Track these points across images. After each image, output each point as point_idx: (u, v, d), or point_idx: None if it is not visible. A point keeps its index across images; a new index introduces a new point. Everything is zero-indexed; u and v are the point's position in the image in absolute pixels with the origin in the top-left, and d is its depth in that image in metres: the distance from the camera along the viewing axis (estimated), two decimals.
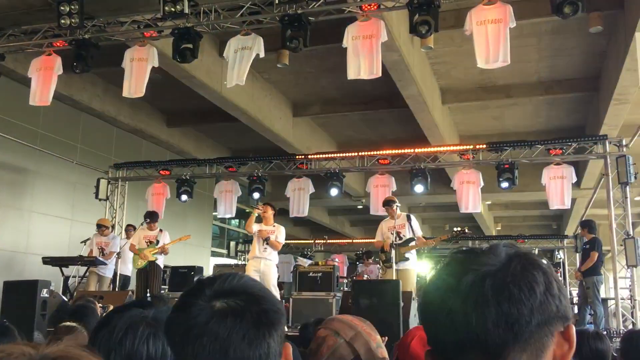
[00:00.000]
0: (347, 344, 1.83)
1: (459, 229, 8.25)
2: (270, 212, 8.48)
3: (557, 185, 9.92)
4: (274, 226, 8.46)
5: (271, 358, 0.99)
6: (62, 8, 7.53)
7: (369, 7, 6.98)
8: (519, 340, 0.82)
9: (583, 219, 13.93)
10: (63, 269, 9.25)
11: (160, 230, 9.37)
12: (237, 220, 20.69)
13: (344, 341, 1.83)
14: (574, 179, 10.11)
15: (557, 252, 16.36)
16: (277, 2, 6.94)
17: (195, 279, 1.11)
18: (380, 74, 6.96)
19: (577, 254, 13.85)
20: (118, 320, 1.34)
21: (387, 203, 8.35)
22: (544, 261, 0.90)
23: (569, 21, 7.16)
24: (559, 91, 11.62)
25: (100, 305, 4.86)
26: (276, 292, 8.53)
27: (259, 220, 8.50)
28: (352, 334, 1.85)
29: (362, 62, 6.90)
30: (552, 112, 13.03)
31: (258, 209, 8.46)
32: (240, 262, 16.02)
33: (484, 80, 11.39)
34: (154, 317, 1.33)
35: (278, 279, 9.15)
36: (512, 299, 0.82)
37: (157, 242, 9.18)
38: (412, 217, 8.32)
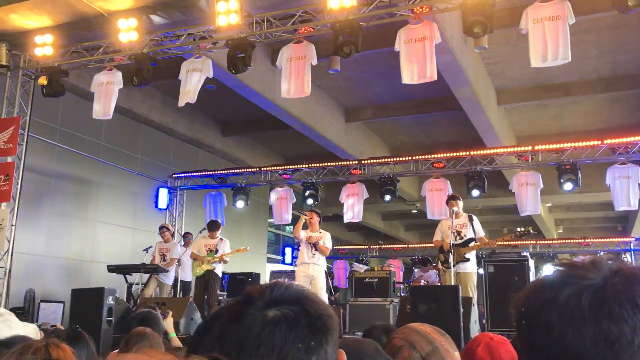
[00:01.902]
0: (422, 359, 1.74)
1: (522, 229, 7.97)
2: (316, 219, 8.45)
3: (623, 186, 9.53)
4: (320, 232, 8.46)
5: None
6: (121, 24, 7.82)
7: (420, 9, 6.91)
8: (619, 359, 0.76)
9: None
10: (127, 276, 9.56)
11: (221, 239, 9.52)
12: (292, 227, 20.84)
13: (419, 356, 1.73)
14: None
15: (623, 255, 15.69)
16: (328, 9, 6.97)
17: (245, 289, 1.07)
18: (435, 77, 6.87)
19: None
20: None
21: (453, 197, 8.08)
22: None
23: (630, 15, 6.89)
24: (622, 87, 11.17)
25: (160, 311, 4.97)
26: (325, 297, 8.51)
27: (305, 227, 8.52)
28: (429, 349, 1.75)
29: (416, 65, 6.83)
30: (614, 110, 12.55)
31: (305, 215, 8.48)
32: (295, 268, 16.13)
33: (540, 79, 11.09)
34: None
35: (334, 284, 9.15)
36: (612, 316, 0.76)
37: (217, 250, 9.33)
38: (475, 217, 8.09)
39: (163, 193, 11.92)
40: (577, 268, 0.83)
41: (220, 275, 9.58)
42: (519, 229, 8.08)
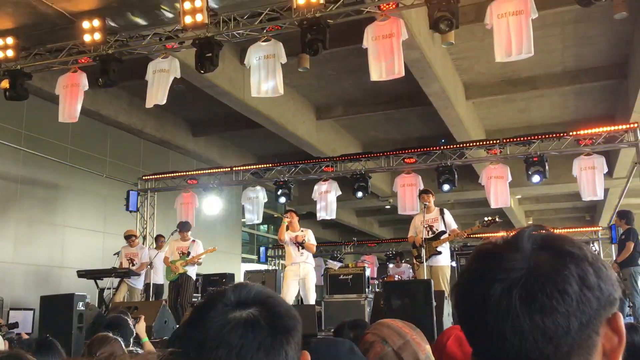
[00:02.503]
0: (394, 353, 1.76)
1: (489, 218, 8.11)
2: (295, 218, 8.65)
3: (589, 176, 9.73)
4: (302, 231, 8.60)
5: None
6: (85, 25, 7.68)
7: (387, 6, 6.93)
8: (560, 350, 0.75)
9: (618, 208, 13.64)
10: (97, 281, 9.41)
11: (193, 241, 9.43)
12: (266, 226, 20.77)
13: (391, 350, 1.76)
14: (606, 169, 9.90)
15: (592, 244, 16.02)
16: (295, 6, 6.95)
17: (207, 292, 1.07)
18: (403, 74, 6.91)
19: (613, 245, 13.55)
20: None
21: (424, 191, 8.31)
22: (575, 242, 0.81)
23: (592, 9, 7.02)
24: (586, 80, 11.40)
25: (132, 317, 4.89)
26: (314, 296, 8.68)
27: (287, 228, 8.62)
28: (401, 343, 1.78)
29: (384, 62, 6.87)
30: (579, 102, 12.80)
31: (286, 217, 8.58)
32: (271, 268, 16.08)
33: (507, 73, 11.25)
34: None
35: None
36: (544, 310, 0.75)
37: (189, 253, 9.25)
38: (446, 211, 8.22)
39: (133, 196, 11.76)
40: (500, 257, 0.80)
41: (194, 277, 9.49)
42: (485, 219, 8.22)
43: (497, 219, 8.14)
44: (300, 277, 8.43)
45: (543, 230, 0.84)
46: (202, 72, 7.65)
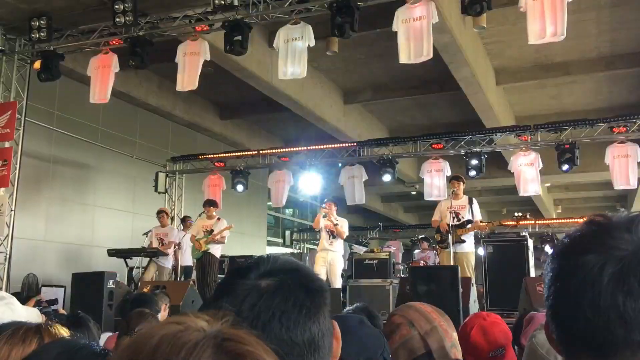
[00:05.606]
0: (420, 337, 1.74)
1: (520, 214, 8.01)
2: (334, 208, 8.98)
3: (622, 164, 9.53)
4: (337, 220, 8.98)
5: (319, 337, 0.92)
6: (116, 7, 7.74)
7: None
8: (631, 337, 0.72)
9: None
10: (127, 260, 9.58)
11: (218, 219, 9.53)
12: (292, 210, 20.85)
13: (417, 334, 1.75)
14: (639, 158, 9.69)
15: None
16: None
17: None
18: (431, 56, 6.83)
19: None
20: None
21: (455, 177, 8.32)
22: None
23: None
24: (621, 66, 11.10)
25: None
26: (340, 281, 9.07)
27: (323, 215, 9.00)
28: (428, 328, 1.76)
29: (412, 45, 6.79)
30: (614, 89, 12.49)
31: (324, 208, 8.92)
32: (295, 251, 16.19)
33: (540, 58, 11.01)
34: None
35: None
36: (631, 293, 0.72)
37: (212, 231, 9.35)
38: (475, 200, 8.17)
39: (162, 177, 11.91)
40: (607, 233, 0.78)
41: (218, 256, 9.54)
42: (516, 214, 8.14)
43: (527, 215, 8.04)
44: (328, 263, 8.80)
45: None
46: (229, 50, 7.65)
